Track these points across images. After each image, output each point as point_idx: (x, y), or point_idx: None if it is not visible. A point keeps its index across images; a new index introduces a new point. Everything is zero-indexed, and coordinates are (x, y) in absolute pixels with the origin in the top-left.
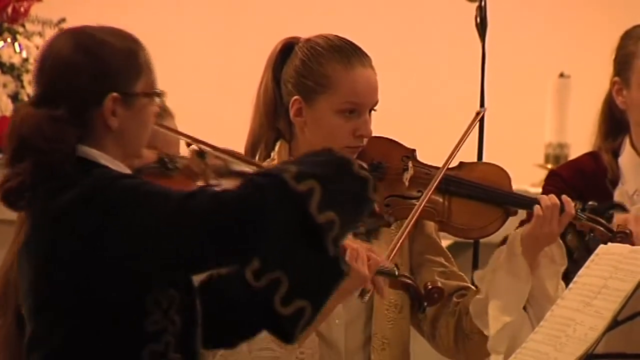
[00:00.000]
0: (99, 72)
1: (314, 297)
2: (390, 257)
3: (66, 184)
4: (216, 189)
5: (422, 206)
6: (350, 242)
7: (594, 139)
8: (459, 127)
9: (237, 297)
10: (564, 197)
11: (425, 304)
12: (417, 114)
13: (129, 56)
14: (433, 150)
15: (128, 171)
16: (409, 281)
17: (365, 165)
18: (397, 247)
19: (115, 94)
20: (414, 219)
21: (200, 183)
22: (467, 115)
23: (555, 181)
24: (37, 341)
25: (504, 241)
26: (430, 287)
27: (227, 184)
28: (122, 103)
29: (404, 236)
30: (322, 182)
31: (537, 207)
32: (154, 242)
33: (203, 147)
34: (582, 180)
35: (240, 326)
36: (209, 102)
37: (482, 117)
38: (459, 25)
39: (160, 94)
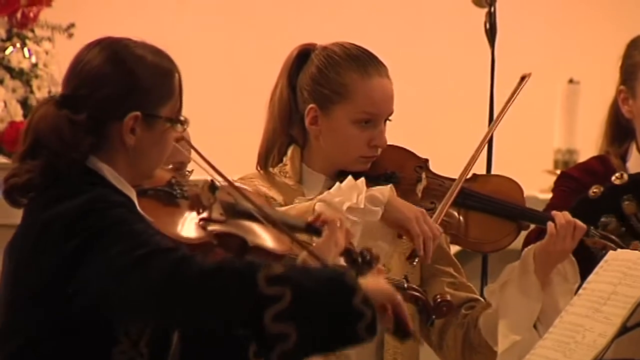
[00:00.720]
0: (128, 86)
1: None
2: (402, 268)
3: (65, 194)
4: (193, 254)
5: (440, 219)
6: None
7: (600, 143)
8: (467, 132)
9: (211, 339)
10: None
11: (434, 317)
12: (426, 119)
13: (163, 77)
14: (442, 157)
15: (132, 192)
16: (417, 294)
17: (370, 302)
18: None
19: (137, 113)
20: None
21: (203, 215)
22: (476, 120)
23: (567, 181)
24: (7, 334)
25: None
26: (439, 300)
27: (233, 223)
28: (143, 123)
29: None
30: (296, 295)
31: (550, 225)
32: (111, 286)
33: (218, 180)
34: (594, 180)
35: None
36: (217, 107)
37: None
38: (469, 31)
39: (184, 122)
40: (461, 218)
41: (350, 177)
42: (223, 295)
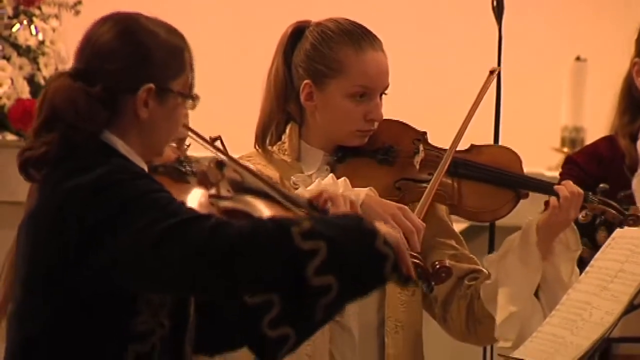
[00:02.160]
0: (140, 60)
1: (300, 329)
2: None
3: (84, 166)
4: (224, 219)
5: (434, 190)
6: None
7: (611, 120)
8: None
9: (228, 309)
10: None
11: (433, 283)
12: (433, 97)
13: (175, 52)
14: (448, 134)
15: (144, 167)
16: (416, 261)
17: (389, 242)
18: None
19: (151, 85)
20: (427, 202)
21: (212, 192)
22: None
23: (572, 169)
24: (23, 315)
25: None
26: (437, 266)
27: (240, 199)
28: (156, 96)
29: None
30: (331, 247)
31: (553, 198)
32: (145, 259)
33: (223, 158)
34: (600, 167)
35: (224, 338)
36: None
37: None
38: (476, 9)
39: (195, 98)
40: (457, 188)
41: (332, 175)
42: (265, 255)
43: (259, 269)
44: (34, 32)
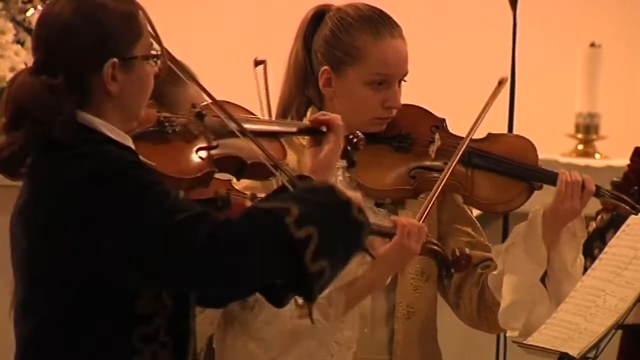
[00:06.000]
0: (98, 37)
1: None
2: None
3: (74, 153)
4: (217, 216)
5: (445, 179)
6: (400, 219)
7: None
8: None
9: None
10: (585, 176)
11: (453, 270)
12: (448, 83)
13: (128, 19)
14: (464, 120)
15: (128, 141)
16: (435, 247)
17: (363, 209)
18: (422, 217)
19: (115, 60)
20: (437, 191)
21: (199, 144)
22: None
23: (637, 161)
24: (26, 310)
25: None
26: (458, 253)
27: (227, 144)
28: (122, 68)
29: (429, 208)
30: (321, 230)
31: (559, 183)
32: (143, 256)
33: (202, 107)
34: None
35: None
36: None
37: (513, 86)
38: None
39: (159, 56)
40: (470, 177)
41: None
42: (265, 250)
43: (261, 264)
44: None
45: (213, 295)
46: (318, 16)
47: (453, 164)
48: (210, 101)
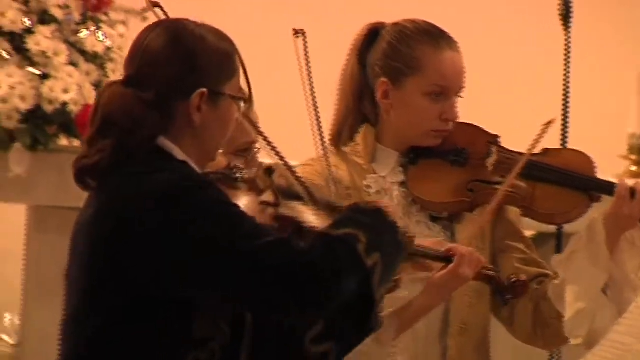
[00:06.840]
0: (191, 65)
1: (343, 343)
2: (471, 243)
3: (144, 171)
4: (291, 241)
5: (505, 191)
6: (459, 247)
7: None
8: (543, 118)
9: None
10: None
11: (509, 297)
12: (501, 103)
13: (225, 57)
14: (516, 140)
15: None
16: (491, 273)
17: (405, 231)
18: (478, 232)
19: (204, 90)
20: (496, 203)
21: (262, 199)
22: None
23: None
24: (79, 325)
25: None
26: (514, 280)
27: (288, 205)
28: (209, 101)
29: (486, 221)
30: (383, 257)
31: (618, 189)
32: (218, 275)
33: (272, 164)
34: None
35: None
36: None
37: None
38: (544, 16)
39: (247, 100)
40: (530, 189)
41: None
42: (346, 278)
43: (340, 294)
44: (101, 38)
45: (287, 321)
46: (373, 32)
47: (514, 175)
48: (281, 163)
